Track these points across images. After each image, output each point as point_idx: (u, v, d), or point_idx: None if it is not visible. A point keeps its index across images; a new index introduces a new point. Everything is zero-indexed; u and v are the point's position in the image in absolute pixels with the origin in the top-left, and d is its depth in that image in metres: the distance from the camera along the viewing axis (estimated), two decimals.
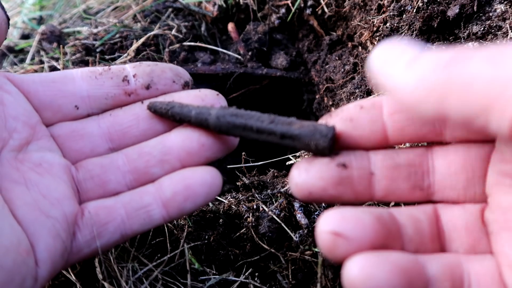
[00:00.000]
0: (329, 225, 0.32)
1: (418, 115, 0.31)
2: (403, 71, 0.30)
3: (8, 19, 0.44)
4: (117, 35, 0.92)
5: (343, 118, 0.38)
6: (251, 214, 0.57)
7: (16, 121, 0.44)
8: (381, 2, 0.77)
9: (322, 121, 0.39)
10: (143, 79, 0.49)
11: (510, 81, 0.25)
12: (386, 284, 0.30)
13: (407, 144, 0.48)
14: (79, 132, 0.48)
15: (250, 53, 0.96)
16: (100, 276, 0.51)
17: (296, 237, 0.54)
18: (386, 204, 0.53)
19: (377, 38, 0.76)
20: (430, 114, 0.29)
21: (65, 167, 0.45)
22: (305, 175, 0.36)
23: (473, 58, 0.27)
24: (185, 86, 0.51)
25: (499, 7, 0.62)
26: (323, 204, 0.57)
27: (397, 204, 0.51)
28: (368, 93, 0.71)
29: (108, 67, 0.50)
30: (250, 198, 0.60)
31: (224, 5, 1.00)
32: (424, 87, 0.29)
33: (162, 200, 0.44)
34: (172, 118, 0.46)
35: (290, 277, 0.55)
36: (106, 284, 0.51)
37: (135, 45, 0.87)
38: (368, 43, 0.81)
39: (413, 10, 0.69)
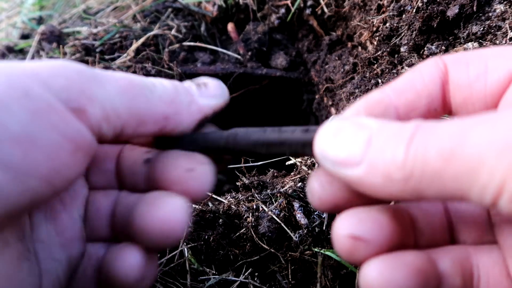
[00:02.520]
0: (347, 228, 0.31)
1: (397, 200, 0.29)
2: (365, 168, 0.28)
3: None
4: (117, 35, 0.92)
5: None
6: (250, 214, 0.58)
7: None
8: (381, 2, 0.77)
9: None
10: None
11: (476, 171, 0.24)
12: (405, 287, 0.30)
13: None
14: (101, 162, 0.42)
15: (249, 53, 0.96)
16: None
17: (296, 237, 0.54)
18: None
19: (376, 38, 0.76)
20: (410, 200, 0.28)
21: (85, 199, 0.40)
22: (330, 188, 0.34)
23: (428, 149, 0.25)
24: None
25: (499, 7, 0.62)
26: None
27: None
28: (368, 93, 0.71)
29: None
30: (249, 198, 0.60)
31: (223, 5, 1.00)
32: (394, 185, 0.27)
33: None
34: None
35: (290, 277, 0.55)
36: None
37: (135, 45, 0.87)
38: (368, 43, 0.81)
39: (412, 10, 0.69)
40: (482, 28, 0.61)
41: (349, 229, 0.31)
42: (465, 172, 0.24)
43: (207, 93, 0.39)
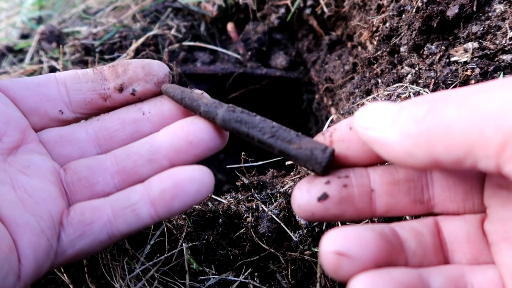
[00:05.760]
0: (332, 245, 0.33)
1: (411, 166, 0.32)
2: (388, 128, 0.32)
3: None
4: (117, 35, 0.92)
5: (335, 139, 0.38)
6: (250, 214, 0.57)
7: (6, 126, 0.44)
8: (381, 2, 0.77)
9: (318, 139, 0.40)
10: (115, 82, 0.48)
11: (484, 122, 0.27)
12: None
13: None
14: (67, 138, 0.48)
15: (249, 53, 0.96)
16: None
17: (296, 237, 0.54)
18: (388, 219, 0.53)
19: (376, 38, 0.76)
20: (422, 163, 0.31)
21: (53, 170, 0.45)
22: (307, 196, 0.37)
23: (447, 105, 0.29)
24: (160, 83, 0.50)
25: (499, 7, 0.62)
26: None
27: (398, 219, 0.51)
28: (368, 92, 0.71)
29: (89, 69, 0.49)
30: (249, 198, 0.60)
31: (223, 5, 1.00)
32: (410, 140, 0.30)
33: (150, 198, 0.43)
34: (184, 106, 0.48)
35: (289, 277, 0.54)
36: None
37: (135, 45, 0.87)
38: (368, 43, 0.81)
39: (412, 10, 0.69)
40: (482, 28, 0.61)
41: (334, 245, 0.33)
42: (475, 123, 0.27)
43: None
